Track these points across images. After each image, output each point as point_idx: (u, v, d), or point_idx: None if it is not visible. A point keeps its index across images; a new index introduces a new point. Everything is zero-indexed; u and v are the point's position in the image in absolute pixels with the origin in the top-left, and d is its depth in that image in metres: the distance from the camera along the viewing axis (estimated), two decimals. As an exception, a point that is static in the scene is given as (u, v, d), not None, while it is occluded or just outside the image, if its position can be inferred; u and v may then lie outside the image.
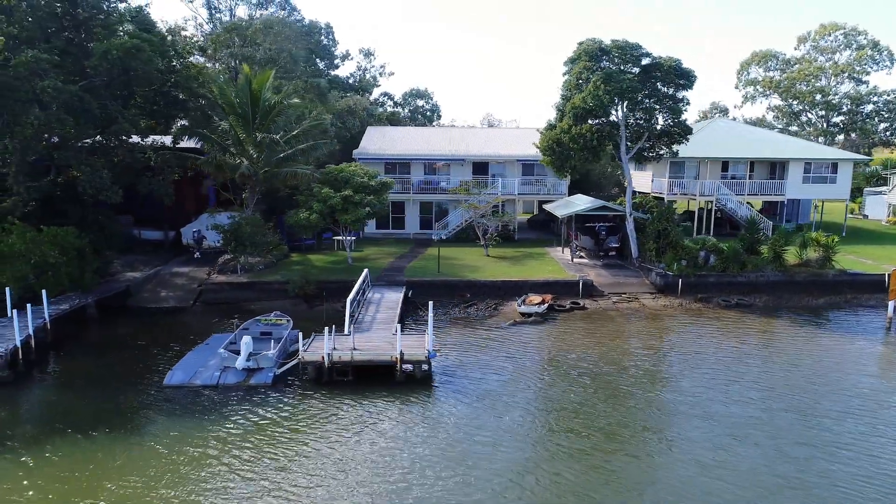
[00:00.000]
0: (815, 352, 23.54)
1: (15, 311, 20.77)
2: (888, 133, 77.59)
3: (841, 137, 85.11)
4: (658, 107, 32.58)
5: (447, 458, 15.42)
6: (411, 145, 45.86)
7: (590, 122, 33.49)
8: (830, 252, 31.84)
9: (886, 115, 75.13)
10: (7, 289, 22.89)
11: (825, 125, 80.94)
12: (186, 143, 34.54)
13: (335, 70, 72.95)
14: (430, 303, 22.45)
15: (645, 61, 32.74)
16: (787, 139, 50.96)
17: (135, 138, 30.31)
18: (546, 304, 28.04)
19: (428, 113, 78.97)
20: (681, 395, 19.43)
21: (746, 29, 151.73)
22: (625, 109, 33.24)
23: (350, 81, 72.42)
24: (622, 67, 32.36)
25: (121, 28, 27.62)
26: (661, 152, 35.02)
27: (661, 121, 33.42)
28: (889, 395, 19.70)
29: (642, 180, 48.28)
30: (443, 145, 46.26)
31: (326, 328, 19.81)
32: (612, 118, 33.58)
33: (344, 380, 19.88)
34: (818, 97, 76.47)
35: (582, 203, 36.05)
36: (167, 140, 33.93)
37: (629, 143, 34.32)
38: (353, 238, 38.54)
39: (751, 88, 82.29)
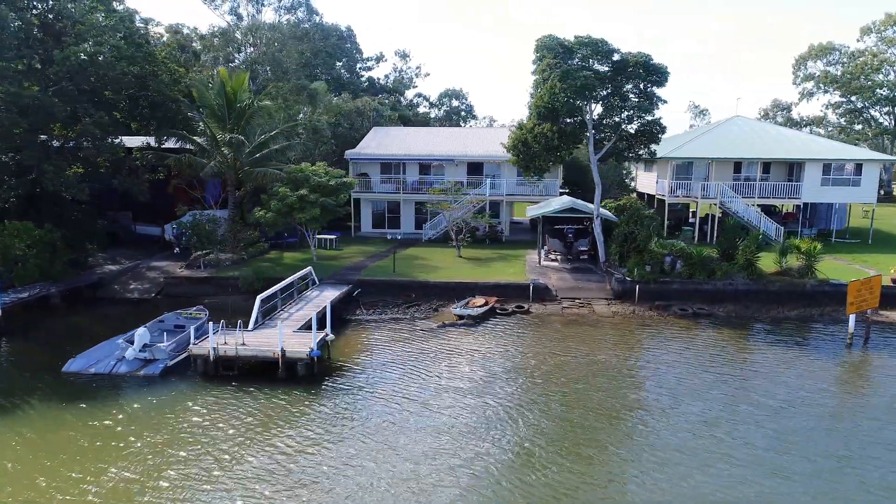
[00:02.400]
0: (746, 363, 21.99)
1: None
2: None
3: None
4: (624, 105, 31.17)
5: (311, 450, 15.72)
6: (408, 146, 45.96)
7: (567, 120, 32.50)
8: (812, 260, 29.39)
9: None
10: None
11: (893, 123, 74.58)
12: (168, 144, 36.25)
13: (369, 72, 74.41)
14: (329, 303, 22.59)
15: (615, 58, 31.44)
16: (808, 138, 47.34)
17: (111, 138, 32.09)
18: (487, 307, 27.50)
19: (462, 113, 78.90)
20: (561, 399, 18.59)
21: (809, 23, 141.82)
22: (594, 108, 32.04)
23: (382, 82, 73.52)
24: (588, 64, 31.18)
25: (93, 37, 29.22)
26: (640, 152, 33.47)
27: (631, 119, 31.89)
28: (801, 409, 18.27)
29: (647, 182, 46.34)
30: (439, 146, 46.09)
31: (212, 323, 20.37)
32: (586, 117, 32.46)
33: (230, 374, 20.37)
34: (882, 92, 70.50)
35: (555, 204, 35.00)
36: (151, 140, 35.72)
37: (604, 143, 33.04)
38: (336, 236, 39.27)
39: (809, 84, 76.99)
